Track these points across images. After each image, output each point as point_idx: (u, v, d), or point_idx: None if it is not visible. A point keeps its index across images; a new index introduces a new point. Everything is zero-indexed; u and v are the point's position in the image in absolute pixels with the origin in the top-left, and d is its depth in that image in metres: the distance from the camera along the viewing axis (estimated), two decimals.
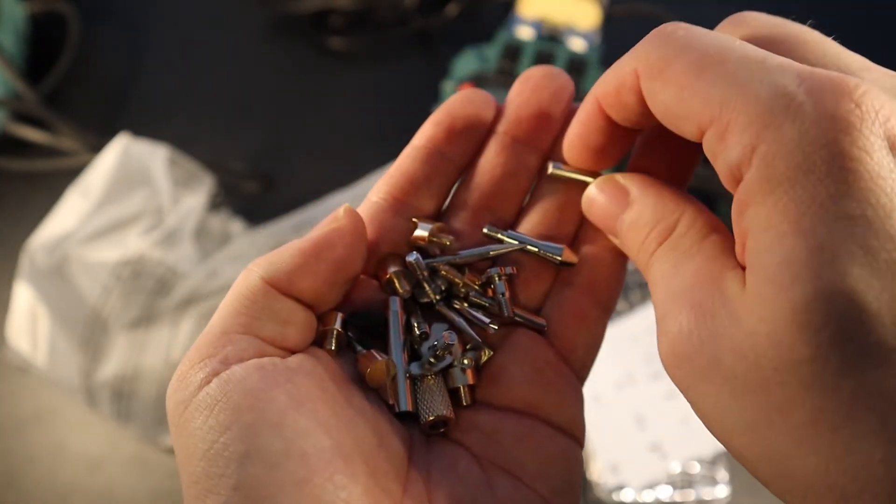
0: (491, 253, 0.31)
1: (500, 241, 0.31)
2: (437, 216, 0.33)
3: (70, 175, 0.66)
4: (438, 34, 0.79)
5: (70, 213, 0.61)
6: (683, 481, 0.59)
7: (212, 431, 0.22)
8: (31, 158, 0.72)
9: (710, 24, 0.24)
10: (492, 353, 0.30)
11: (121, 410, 0.58)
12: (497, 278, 0.31)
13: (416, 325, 0.30)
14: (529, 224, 0.32)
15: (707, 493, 0.58)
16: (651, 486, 0.58)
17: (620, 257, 0.31)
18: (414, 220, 0.31)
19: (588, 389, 0.66)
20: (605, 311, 0.31)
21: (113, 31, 0.82)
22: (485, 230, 0.32)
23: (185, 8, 0.83)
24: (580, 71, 0.65)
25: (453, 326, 0.31)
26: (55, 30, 0.79)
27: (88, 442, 0.62)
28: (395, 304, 0.30)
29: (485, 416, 0.29)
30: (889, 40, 0.72)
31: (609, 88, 0.26)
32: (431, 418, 0.28)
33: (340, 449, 0.23)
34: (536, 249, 0.31)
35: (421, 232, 0.31)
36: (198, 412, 0.23)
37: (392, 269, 0.31)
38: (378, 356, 0.28)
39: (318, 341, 0.28)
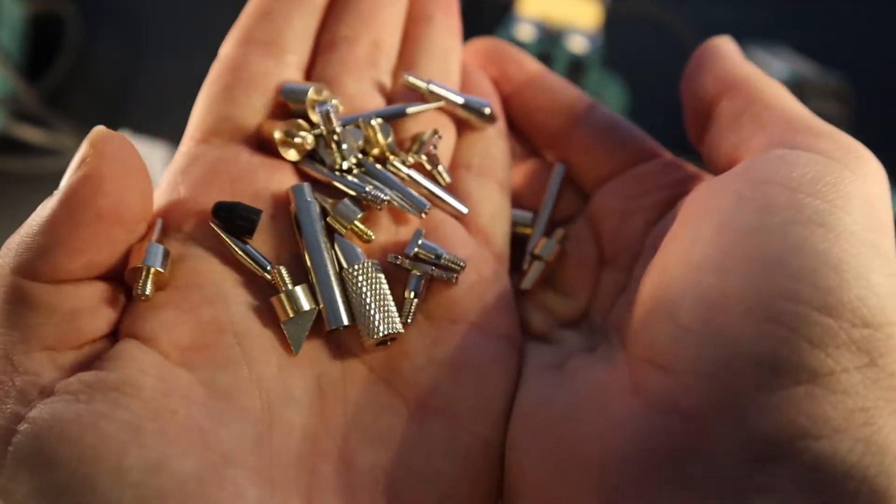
0: (407, 111, 0.26)
1: (423, 94, 0.27)
2: (310, 64, 0.28)
3: None
4: None
5: None
6: None
7: (43, 500, 0.17)
8: (30, 158, 0.72)
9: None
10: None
11: None
12: (432, 145, 0.26)
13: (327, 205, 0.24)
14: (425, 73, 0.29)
15: None
16: None
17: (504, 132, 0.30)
18: (283, 83, 0.26)
19: None
20: (502, 186, 0.29)
21: (113, 31, 0.82)
22: (409, 78, 0.27)
23: (184, 7, 0.83)
24: (581, 71, 0.65)
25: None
26: (55, 30, 0.78)
27: None
28: (305, 192, 0.24)
29: (421, 333, 0.24)
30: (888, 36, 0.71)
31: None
32: (378, 336, 0.22)
33: (212, 469, 0.18)
34: (462, 103, 0.28)
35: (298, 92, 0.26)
36: (18, 477, 0.17)
37: (282, 130, 0.25)
38: (290, 294, 0.21)
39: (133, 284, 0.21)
